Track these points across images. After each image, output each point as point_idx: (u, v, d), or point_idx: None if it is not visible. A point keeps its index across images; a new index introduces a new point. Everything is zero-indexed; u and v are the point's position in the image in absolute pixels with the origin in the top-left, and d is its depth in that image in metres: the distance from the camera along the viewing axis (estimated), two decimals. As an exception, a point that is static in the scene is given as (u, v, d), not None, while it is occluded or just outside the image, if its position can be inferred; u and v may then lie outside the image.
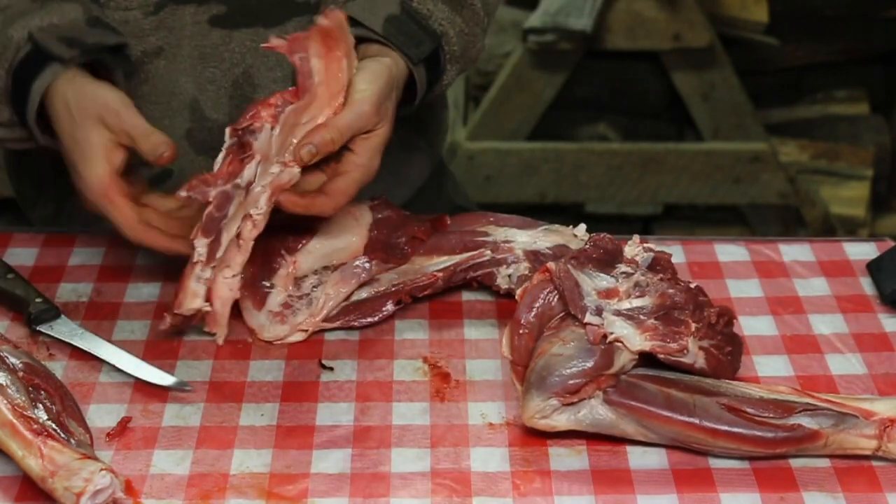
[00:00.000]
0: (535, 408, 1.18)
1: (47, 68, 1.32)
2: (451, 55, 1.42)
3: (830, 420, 1.17)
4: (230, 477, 1.16)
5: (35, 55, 1.33)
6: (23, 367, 1.19)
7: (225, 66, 1.48)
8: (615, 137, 3.26)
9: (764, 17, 3.19)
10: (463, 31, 1.42)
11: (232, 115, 1.50)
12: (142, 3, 1.43)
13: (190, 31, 1.46)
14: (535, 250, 1.38)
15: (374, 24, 1.36)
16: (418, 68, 1.37)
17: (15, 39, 1.33)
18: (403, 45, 1.35)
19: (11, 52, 1.33)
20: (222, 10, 1.46)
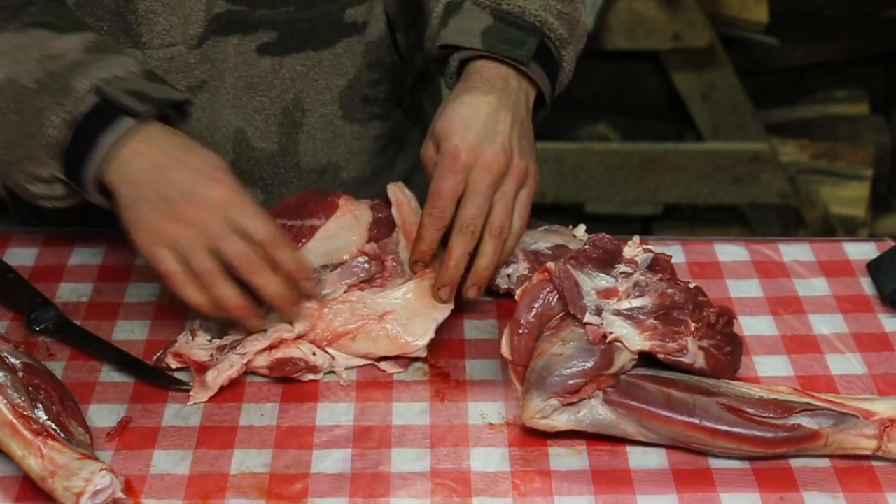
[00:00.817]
0: (535, 408, 1.18)
1: (117, 123, 1.24)
2: (559, 40, 1.36)
3: (830, 420, 1.17)
4: (230, 477, 1.16)
5: (101, 109, 1.25)
6: (23, 367, 1.19)
7: (275, 93, 1.47)
8: (615, 137, 3.26)
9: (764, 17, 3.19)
10: (562, 12, 1.38)
11: (281, 142, 1.50)
12: (185, 37, 1.41)
13: (233, 62, 1.44)
14: (534, 250, 1.38)
15: (474, 42, 1.32)
16: (533, 67, 1.33)
17: (78, 90, 1.25)
18: (507, 53, 1.31)
19: (73, 102, 1.25)
20: (272, 37, 1.44)
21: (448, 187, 1.25)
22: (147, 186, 1.23)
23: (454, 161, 1.25)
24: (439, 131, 1.28)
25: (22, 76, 1.27)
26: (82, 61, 1.28)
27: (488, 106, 1.28)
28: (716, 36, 3.15)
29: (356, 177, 1.56)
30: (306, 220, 1.39)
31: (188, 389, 1.26)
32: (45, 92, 1.26)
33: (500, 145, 1.26)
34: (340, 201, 1.40)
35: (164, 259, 1.23)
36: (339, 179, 1.55)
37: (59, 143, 1.25)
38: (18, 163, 1.28)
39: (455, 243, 1.26)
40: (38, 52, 1.29)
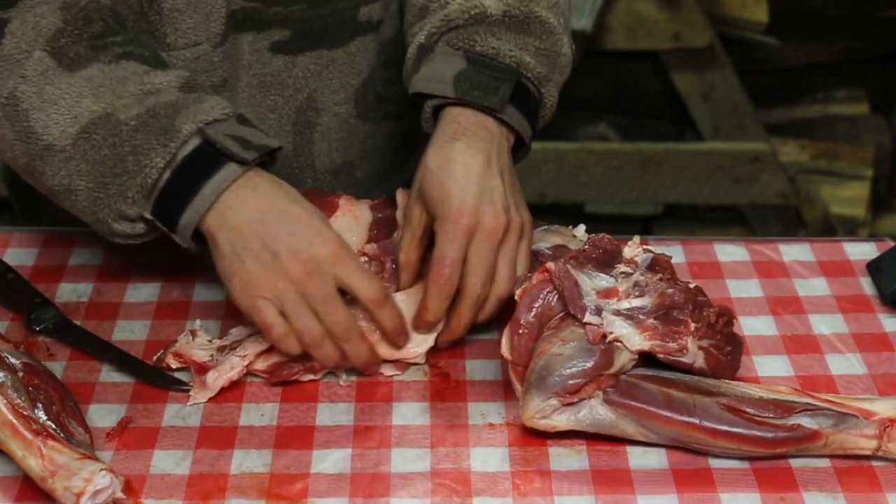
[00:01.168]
0: (534, 408, 1.18)
1: (222, 168, 1.21)
2: (536, 78, 1.33)
3: (830, 420, 1.17)
4: (230, 477, 1.16)
5: (204, 152, 1.22)
6: (23, 367, 1.19)
7: (288, 92, 1.46)
8: (615, 137, 3.26)
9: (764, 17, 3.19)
10: (540, 49, 1.34)
11: (295, 141, 1.49)
12: (208, 35, 1.40)
13: (248, 59, 1.43)
14: (534, 250, 1.38)
15: (445, 90, 1.29)
16: (509, 111, 1.30)
17: (184, 132, 1.22)
18: (481, 100, 1.28)
19: (177, 143, 1.21)
20: (285, 35, 1.43)
21: (454, 254, 1.24)
22: (251, 237, 1.20)
23: (457, 225, 1.24)
24: (432, 195, 1.26)
25: (120, 111, 1.24)
26: (182, 101, 1.25)
27: (477, 162, 1.26)
28: (716, 36, 3.16)
29: (369, 175, 1.56)
30: None
31: (188, 389, 1.26)
32: (146, 130, 1.23)
33: (500, 204, 1.26)
34: (340, 201, 1.40)
35: (266, 312, 1.21)
36: (354, 179, 1.55)
37: (156, 184, 1.22)
38: (107, 199, 1.24)
39: (465, 312, 1.26)
40: (135, 87, 1.25)
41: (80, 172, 1.25)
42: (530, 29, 1.34)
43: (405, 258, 1.30)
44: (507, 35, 1.32)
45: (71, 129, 1.24)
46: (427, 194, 1.27)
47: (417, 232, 1.29)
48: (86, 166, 1.24)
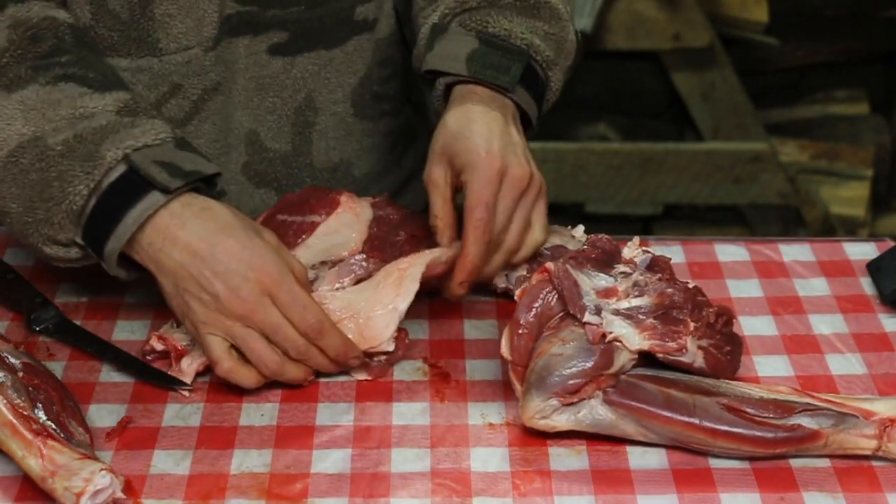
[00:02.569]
0: (534, 408, 1.18)
1: (146, 196, 1.20)
2: (545, 62, 1.37)
3: (830, 420, 1.17)
4: (230, 477, 1.16)
5: (129, 179, 1.20)
6: (23, 367, 1.19)
7: (286, 93, 1.46)
8: (615, 137, 3.26)
9: (764, 17, 3.19)
10: (549, 33, 1.38)
11: (294, 142, 1.49)
12: (200, 39, 1.40)
13: (244, 62, 1.43)
14: (533, 250, 1.38)
15: (459, 68, 1.32)
16: (519, 92, 1.33)
17: (108, 159, 1.20)
18: (493, 79, 1.31)
19: (101, 171, 1.20)
20: (284, 37, 1.43)
21: (490, 197, 1.26)
22: (188, 280, 1.20)
23: (490, 170, 1.26)
24: (457, 149, 1.27)
25: (49, 135, 1.23)
26: (113, 126, 1.23)
27: (497, 121, 1.29)
28: (716, 36, 3.16)
29: (367, 173, 1.56)
30: (307, 216, 1.39)
31: (189, 388, 1.26)
32: (72, 156, 1.21)
33: (523, 156, 1.29)
34: (342, 198, 1.40)
35: (214, 348, 1.22)
36: (351, 177, 1.55)
37: (82, 211, 1.22)
38: (36, 224, 1.24)
39: (472, 245, 1.27)
40: (67, 111, 1.24)
41: (10, 195, 1.24)
42: (540, 13, 1.38)
43: (442, 223, 1.30)
44: (518, 18, 1.36)
45: (0, 151, 1.23)
46: (451, 150, 1.28)
47: (447, 193, 1.30)
48: (15, 189, 1.23)
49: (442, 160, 1.30)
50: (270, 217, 1.39)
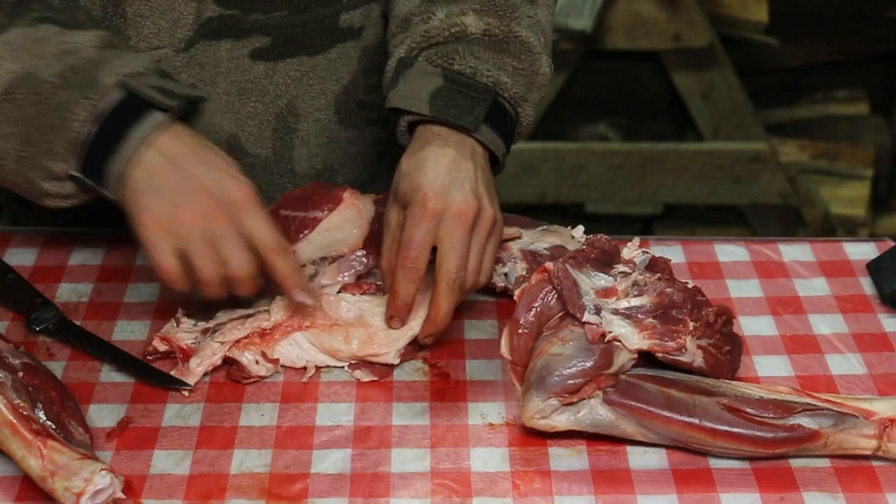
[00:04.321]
0: (534, 408, 1.18)
1: (147, 117, 1.23)
2: (513, 98, 1.33)
3: (830, 420, 1.17)
4: (230, 477, 1.16)
5: (128, 103, 1.23)
6: (23, 367, 1.19)
7: (268, 99, 1.46)
8: (615, 137, 3.26)
9: (764, 17, 3.19)
10: (517, 69, 1.33)
11: (275, 147, 1.49)
12: (172, 40, 1.40)
13: (226, 66, 1.43)
14: (532, 250, 1.38)
15: (421, 108, 1.29)
16: (483, 131, 1.30)
17: (104, 84, 1.23)
18: (455, 119, 1.28)
19: (98, 96, 1.23)
20: (266, 42, 1.43)
21: (421, 236, 1.24)
22: (164, 174, 1.22)
23: (424, 208, 1.24)
24: (404, 189, 1.26)
25: (40, 70, 1.25)
26: (102, 57, 1.26)
27: (447, 157, 1.27)
28: (716, 36, 3.16)
29: (351, 181, 1.55)
30: (310, 211, 1.40)
31: (189, 388, 1.26)
32: (68, 86, 1.24)
33: (470, 191, 1.25)
34: (345, 195, 1.40)
35: (163, 249, 1.22)
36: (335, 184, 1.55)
37: (82, 137, 1.23)
38: (34, 157, 1.25)
39: (443, 300, 1.25)
40: (54, 47, 1.27)
41: (5, 135, 1.26)
42: (509, 48, 1.34)
43: (386, 263, 1.29)
44: (486, 54, 1.32)
45: None
46: (399, 192, 1.27)
47: (396, 235, 1.28)
48: (11, 127, 1.25)
49: (395, 201, 1.28)
50: (273, 212, 1.39)
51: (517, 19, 1.35)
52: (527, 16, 1.36)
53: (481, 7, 1.34)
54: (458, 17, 1.33)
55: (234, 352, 1.27)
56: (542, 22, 1.39)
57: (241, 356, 1.27)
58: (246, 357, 1.27)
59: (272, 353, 1.27)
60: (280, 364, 1.28)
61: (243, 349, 1.27)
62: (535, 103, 1.37)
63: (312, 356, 1.29)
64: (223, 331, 1.28)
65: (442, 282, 1.24)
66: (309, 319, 1.28)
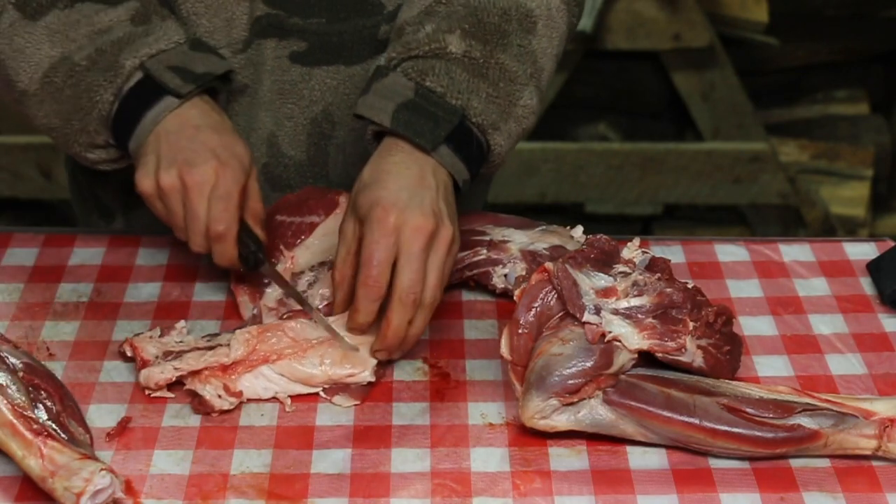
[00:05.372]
0: (534, 408, 1.18)
1: (161, 100, 1.31)
2: (482, 124, 1.31)
3: (830, 420, 1.17)
4: (230, 477, 1.16)
5: (146, 85, 1.32)
6: (23, 367, 1.19)
7: (304, 103, 1.46)
8: (615, 137, 3.26)
9: (764, 17, 3.19)
10: (491, 96, 1.31)
11: (310, 152, 1.49)
12: (230, 40, 1.41)
13: (270, 65, 1.44)
14: (532, 250, 1.38)
15: (383, 118, 1.29)
16: (441, 151, 1.28)
17: (127, 68, 1.32)
18: (414, 136, 1.27)
19: (122, 79, 1.32)
20: (303, 47, 1.43)
21: (381, 254, 1.23)
22: (160, 142, 1.30)
23: (383, 224, 1.23)
24: (363, 201, 1.25)
25: (74, 53, 1.33)
26: (129, 36, 1.33)
27: (410, 173, 1.26)
28: (716, 36, 3.16)
29: None
30: (306, 216, 1.39)
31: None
32: (96, 69, 1.32)
33: (429, 207, 1.25)
34: (341, 199, 1.40)
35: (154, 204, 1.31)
36: None
37: (109, 116, 1.33)
38: (75, 134, 1.35)
39: (395, 314, 1.24)
40: (87, 28, 1.34)
41: (53, 112, 1.35)
42: (487, 74, 1.32)
43: (339, 275, 1.28)
44: (462, 76, 1.31)
45: (36, 75, 1.34)
46: (357, 204, 1.26)
47: (352, 247, 1.27)
48: (55, 106, 1.35)
49: (352, 213, 1.28)
50: (269, 217, 1.39)
51: (504, 46, 1.34)
52: (517, 44, 1.35)
53: (470, 28, 1.33)
54: (443, 34, 1.32)
55: (196, 385, 1.24)
56: (537, 52, 1.37)
57: (202, 390, 1.23)
58: (208, 391, 1.23)
59: (235, 386, 1.24)
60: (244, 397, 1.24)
61: (205, 382, 1.24)
62: (513, 134, 1.35)
63: (283, 387, 1.25)
64: (183, 358, 1.26)
65: (395, 297, 1.24)
66: (276, 353, 1.25)
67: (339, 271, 1.28)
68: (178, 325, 1.32)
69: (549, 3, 1.39)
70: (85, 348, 1.32)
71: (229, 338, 1.27)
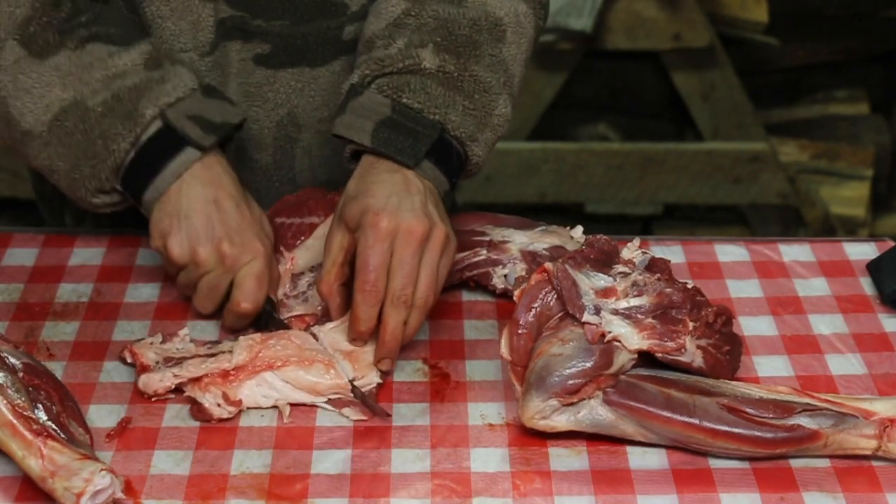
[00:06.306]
0: (534, 408, 1.18)
1: (182, 152, 1.31)
2: (460, 137, 1.31)
3: (830, 420, 1.17)
4: (230, 477, 1.16)
5: (165, 135, 1.31)
6: (23, 367, 1.19)
7: (269, 106, 1.46)
8: (615, 137, 3.26)
9: (764, 17, 3.19)
10: (468, 108, 1.32)
11: (276, 156, 1.49)
12: (196, 43, 1.41)
13: (236, 67, 1.44)
14: (531, 251, 1.38)
15: (363, 137, 1.29)
16: (424, 166, 1.29)
17: (147, 117, 1.30)
18: (396, 153, 1.28)
19: (141, 128, 1.30)
20: (266, 49, 1.43)
21: (377, 258, 1.23)
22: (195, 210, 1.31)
23: (377, 229, 1.23)
24: (351, 214, 1.25)
25: (88, 98, 1.31)
26: (146, 83, 1.32)
27: (395, 180, 1.27)
28: (716, 36, 3.16)
29: None
30: (305, 217, 1.39)
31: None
32: (112, 115, 1.31)
33: (420, 209, 1.25)
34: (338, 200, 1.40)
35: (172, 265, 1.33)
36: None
37: (123, 164, 1.31)
38: (83, 179, 1.33)
39: (390, 316, 1.24)
40: (100, 72, 1.32)
41: (57, 155, 1.33)
42: (463, 87, 1.32)
43: (325, 287, 1.28)
44: (438, 90, 1.31)
45: (44, 116, 1.32)
46: (346, 215, 1.26)
47: (338, 258, 1.27)
48: (62, 149, 1.33)
49: (339, 224, 1.28)
50: (269, 219, 1.39)
51: (477, 58, 1.34)
52: (489, 54, 1.35)
53: (441, 41, 1.33)
54: (416, 49, 1.32)
55: (196, 392, 1.23)
56: (507, 61, 1.37)
57: (202, 398, 1.23)
58: (207, 399, 1.23)
59: (234, 394, 1.23)
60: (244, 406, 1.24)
61: (204, 390, 1.23)
62: (489, 143, 1.35)
63: (286, 395, 1.24)
64: (183, 365, 1.25)
65: (387, 299, 1.24)
66: (281, 359, 1.25)
67: (324, 283, 1.28)
68: (182, 332, 1.32)
69: (517, 10, 1.39)
70: (85, 348, 1.32)
71: (231, 345, 1.27)
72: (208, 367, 1.24)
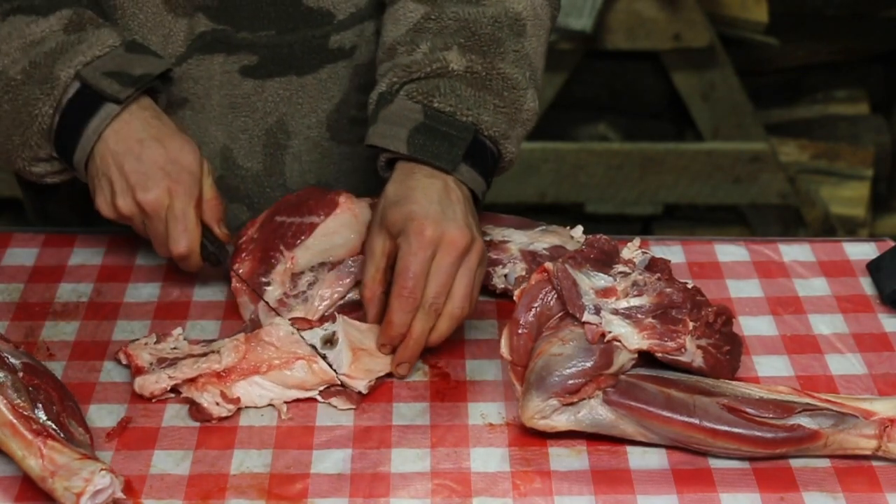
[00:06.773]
0: (534, 408, 1.18)
1: (101, 109, 1.30)
2: (494, 136, 1.32)
3: (830, 420, 1.17)
4: (230, 477, 1.16)
5: (85, 94, 1.31)
6: (23, 367, 1.19)
7: (258, 115, 1.46)
8: (615, 137, 3.26)
9: (764, 17, 3.19)
10: (499, 107, 1.32)
11: (266, 162, 1.49)
12: (164, 55, 1.40)
13: (219, 80, 1.44)
14: (532, 251, 1.38)
15: (398, 145, 1.29)
16: (462, 170, 1.29)
17: (62, 79, 1.30)
18: (433, 159, 1.27)
19: (59, 91, 1.30)
20: (254, 60, 1.43)
21: (418, 266, 1.23)
22: (108, 164, 1.30)
23: (421, 237, 1.23)
24: (394, 220, 1.25)
25: (9, 67, 1.32)
26: (62, 46, 1.32)
27: (436, 187, 1.27)
28: (716, 36, 3.16)
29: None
30: (306, 217, 1.39)
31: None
32: (31, 82, 1.31)
33: (462, 220, 1.25)
34: (341, 199, 1.40)
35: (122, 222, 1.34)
36: None
37: (51, 129, 1.31)
38: (16, 149, 1.34)
39: (417, 321, 1.24)
40: (19, 41, 1.33)
41: None
42: (492, 86, 1.32)
43: (369, 293, 1.28)
44: (468, 92, 1.31)
45: None
46: (389, 221, 1.26)
47: (381, 264, 1.28)
48: None
49: (381, 230, 1.27)
50: (269, 218, 1.39)
51: (502, 55, 1.34)
52: (513, 50, 1.35)
53: (465, 42, 1.33)
54: (441, 52, 1.32)
55: (193, 392, 1.23)
56: (530, 54, 1.37)
57: (199, 398, 1.23)
58: (205, 399, 1.23)
59: (232, 392, 1.23)
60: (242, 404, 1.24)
61: (202, 390, 1.23)
62: (519, 138, 1.36)
63: (278, 394, 1.25)
64: (177, 366, 1.25)
65: (420, 305, 1.24)
66: (266, 363, 1.25)
67: (368, 289, 1.28)
68: (175, 332, 1.32)
69: (534, 2, 1.39)
70: (85, 348, 1.32)
71: (221, 345, 1.27)
72: (200, 367, 1.24)
